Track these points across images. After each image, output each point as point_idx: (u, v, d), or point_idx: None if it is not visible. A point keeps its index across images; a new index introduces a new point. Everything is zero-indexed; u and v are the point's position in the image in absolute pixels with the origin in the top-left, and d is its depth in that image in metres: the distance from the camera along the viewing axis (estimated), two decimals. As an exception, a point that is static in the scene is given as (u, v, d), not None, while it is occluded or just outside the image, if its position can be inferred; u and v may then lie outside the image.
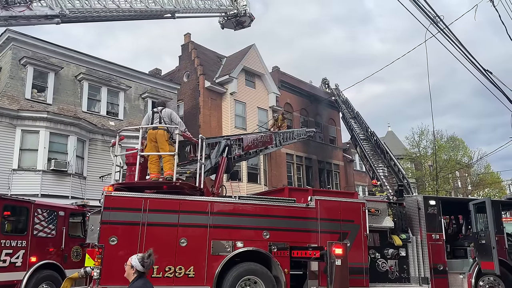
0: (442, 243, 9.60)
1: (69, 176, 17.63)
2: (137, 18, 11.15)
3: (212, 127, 24.16)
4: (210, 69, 26.45)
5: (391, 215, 9.66)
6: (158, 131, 8.03)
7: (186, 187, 8.00)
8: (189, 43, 27.45)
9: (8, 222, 8.83)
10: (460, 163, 38.41)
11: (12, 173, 16.68)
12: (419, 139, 37.01)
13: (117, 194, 7.30)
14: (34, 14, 8.63)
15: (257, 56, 27.16)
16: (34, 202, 9.36)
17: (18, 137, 17.14)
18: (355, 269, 8.15)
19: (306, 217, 8.37)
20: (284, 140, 15.30)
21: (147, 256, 4.03)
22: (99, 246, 6.88)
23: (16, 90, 18.04)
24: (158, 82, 24.08)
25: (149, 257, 4.03)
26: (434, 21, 8.44)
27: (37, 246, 9.06)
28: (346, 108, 26.37)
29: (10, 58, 18.29)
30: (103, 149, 19.26)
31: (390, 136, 45.95)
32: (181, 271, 7.17)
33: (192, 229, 7.48)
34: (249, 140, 11.98)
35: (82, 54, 20.88)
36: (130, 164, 8.47)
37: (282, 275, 7.79)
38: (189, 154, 9.85)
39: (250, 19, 14.67)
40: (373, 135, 20.92)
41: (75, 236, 10.34)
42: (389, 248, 9.16)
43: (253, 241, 7.80)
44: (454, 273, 9.68)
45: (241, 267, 7.59)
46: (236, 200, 8.24)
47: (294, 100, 30.29)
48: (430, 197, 10.38)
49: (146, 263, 3.97)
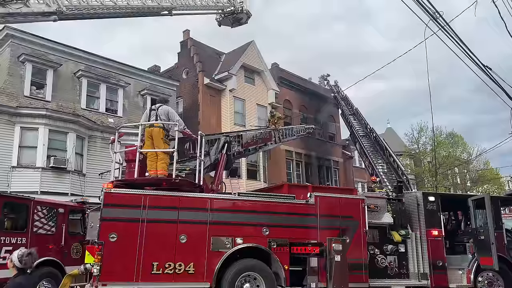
0: (441, 239, 9.63)
1: (68, 173, 17.62)
2: (134, 15, 11.10)
3: (211, 124, 24.13)
4: (209, 65, 26.39)
5: (390, 211, 9.69)
6: (153, 128, 8.01)
7: (186, 184, 8.01)
8: (188, 39, 27.39)
9: (8, 219, 8.83)
10: (459, 160, 38.47)
11: (11, 170, 16.67)
12: (418, 136, 37.08)
13: (116, 191, 7.30)
14: (31, 11, 8.60)
15: (256, 53, 27.10)
16: (34, 199, 9.37)
17: (17, 134, 17.12)
18: (355, 265, 8.18)
19: (305, 214, 8.38)
20: (284, 137, 15.28)
21: (27, 254, 4.09)
22: (99, 243, 6.89)
23: (15, 87, 18.00)
24: (157, 79, 24.05)
25: (29, 255, 4.09)
26: (433, 17, 8.43)
27: (37, 243, 9.05)
28: (345, 104, 26.36)
29: (9, 55, 18.25)
30: (102, 146, 19.24)
31: (389, 132, 45.95)
32: (181, 268, 7.19)
33: (192, 226, 7.49)
34: (249, 137, 11.97)
35: (80, 51, 20.83)
36: (129, 161, 8.47)
37: (281, 271, 7.81)
38: (189, 151, 9.84)
39: (247, 16, 14.60)
40: (372, 131, 20.93)
41: (75, 233, 10.35)
42: (388, 244, 9.19)
43: (252, 237, 7.82)
44: (453, 269, 9.71)
45: (240, 263, 7.61)
46: (235, 196, 8.25)
47: (293, 97, 30.27)
48: (429, 193, 10.40)
49: (24, 261, 4.04)
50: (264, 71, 27.24)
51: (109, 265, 6.85)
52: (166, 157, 7.92)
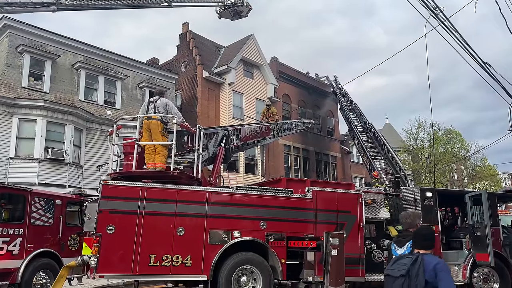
0: (437, 234, 9.65)
1: (66, 165, 17.60)
2: (134, 6, 11.04)
3: (210, 118, 24.10)
4: (208, 59, 26.29)
5: (387, 207, 9.70)
6: (151, 121, 7.98)
7: (184, 177, 8.00)
8: (187, 32, 27.22)
9: (5, 210, 8.82)
10: (457, 156, 38.55)
11: (9, 162, 16.65)
12: (416, 132, 37.12)
13: (114, 183, 7.29)
14: (30, 1, 8.54)
15: (256, 47, 27.00)
16: (31, 191, 9.33)
17: (15, 126, 17.07)
18: (351, 260, 8.21)
19: (303, 208, 8.40)
20: (282, 131, 15.25)
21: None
22: (97, 234, 6.90)
23: (13, 78, 17.91)
24: (155, 72, 23.96)
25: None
26: (434, 12, 8.39)
27: (34, 235, 9.06)
28: (344, 99, 26.30)
29: (7, 45, 18.14)
30: (100, 138, 19.22)
31: (387, 128, 45.98)
32: (178, 260, 7.20)
33: (190, 219, 7.50)
34: (247, 131, 11.95)
35: (79, 43, 20.72)
36: (127, 154, 8.45)
37: (278, 265, 7.84)
38: (187, 144, 9.82)
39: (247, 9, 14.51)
40: (370, 127, 20.90)
41: (72, 225, 10.34)
42: (385, 239, 9.21)
43: (250, 231, 7.84)
44: (449, 264, 9.72)
45: (238, 256, 7.63)
46: (233, 190, 8.25)
47: (292, 91, 30.22)
48: (427, 189, 10.41)
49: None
50: (263, 65, 27.16)
51: (107, 257, 6.86)
52: (164, 150, 7.91)
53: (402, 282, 3.06)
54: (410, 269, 3.05)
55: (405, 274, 3.06)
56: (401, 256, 3.33)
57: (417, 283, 2.98)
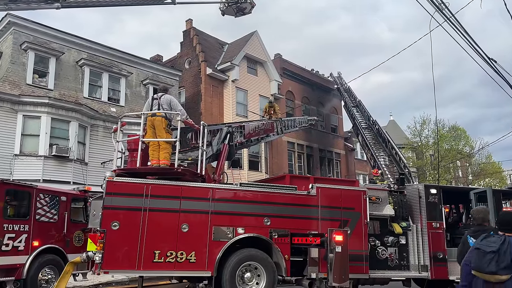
0: (442, 231, 9.62)
1: (70, 161, 17.69)
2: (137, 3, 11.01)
3: (214, 115, 24.10)
4: (212, 55, 26.27)
5: (391, 203, 9.67)
6: (156, 118, 7.99)
7: (188, 174, 8.01)
8: (191, 29, 27.19)
9: (10, 207, 8.87)
10: (462, 153, 38.39)
11: (14, 158, 16.74)
12: (421, 129, 36.99)
13: (119, 180, 7.32)
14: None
15: (259, 43, 26.94)
16: (36, 187, 9.38)
17: (20, 123, 17.16)
18: (355, 256, 8.19)
19: (307, 205, 8.39)
20: (286, 128, 15.24)
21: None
22: (101, 231, 6.93)
23: (17, 75, 17.98)
24: (159, 69, 23.98)
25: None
26: (439, 8, 8.33)
27: (40, 231, 9.11)
28: (348, 96, 26.21)
29: (11, 43, 18.20)
30: (105, 135, 19.28)
31: (392, 125, 45.86)
32: (182, 256, 7.22)
33: (194, 215, 7.52)
34: (251, 128, 11.95)
35: (83, 40, 20.76)
36: (131, 150, 8.47)
37: (282, 261, 7.85)
38: (191, 141, 9.83)
39: (251, 5, 14.44)
40: (375, 123, 20.82)
41: (77, 221, 10.39)
42: (389, 235, 9.19)
43: (254, 227, 7.84)
44: (454, 261, 9.69)
45: (242, 253, 7.65)
46: (237, 187, 8.27)
47: (296, 88, 30.16)
48: (431, 185, 10.36)
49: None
50: (267, 61, 27.10)
51: (111, 253, 6.89)
52: (168, 147, 7.92)
53: (492, 257, 3.64)
54: (500, 248, 3.65)
55: (495, 250, 3.65)
56: (488, 234, 3.92)
57: (504, 259, 3.60)
